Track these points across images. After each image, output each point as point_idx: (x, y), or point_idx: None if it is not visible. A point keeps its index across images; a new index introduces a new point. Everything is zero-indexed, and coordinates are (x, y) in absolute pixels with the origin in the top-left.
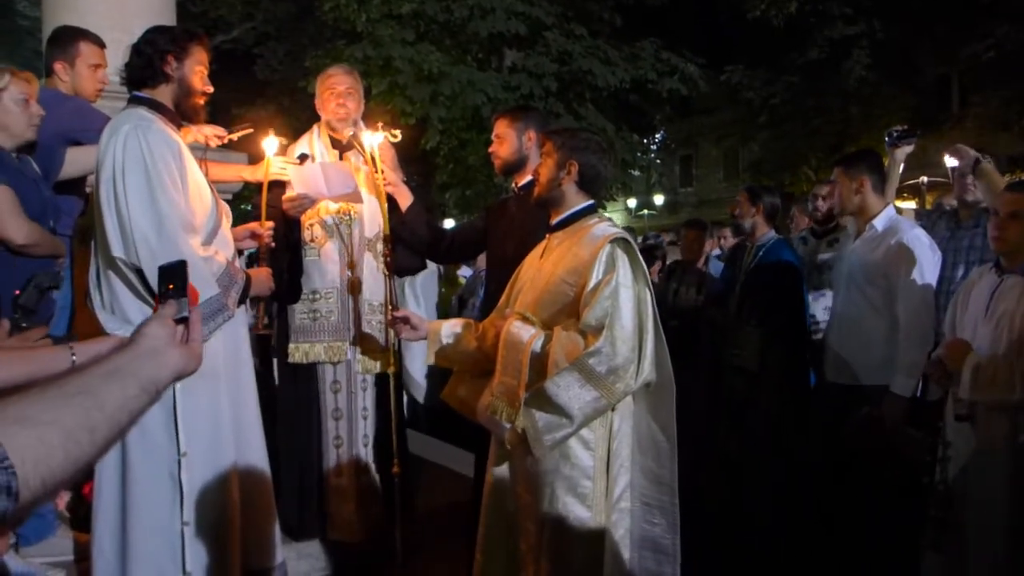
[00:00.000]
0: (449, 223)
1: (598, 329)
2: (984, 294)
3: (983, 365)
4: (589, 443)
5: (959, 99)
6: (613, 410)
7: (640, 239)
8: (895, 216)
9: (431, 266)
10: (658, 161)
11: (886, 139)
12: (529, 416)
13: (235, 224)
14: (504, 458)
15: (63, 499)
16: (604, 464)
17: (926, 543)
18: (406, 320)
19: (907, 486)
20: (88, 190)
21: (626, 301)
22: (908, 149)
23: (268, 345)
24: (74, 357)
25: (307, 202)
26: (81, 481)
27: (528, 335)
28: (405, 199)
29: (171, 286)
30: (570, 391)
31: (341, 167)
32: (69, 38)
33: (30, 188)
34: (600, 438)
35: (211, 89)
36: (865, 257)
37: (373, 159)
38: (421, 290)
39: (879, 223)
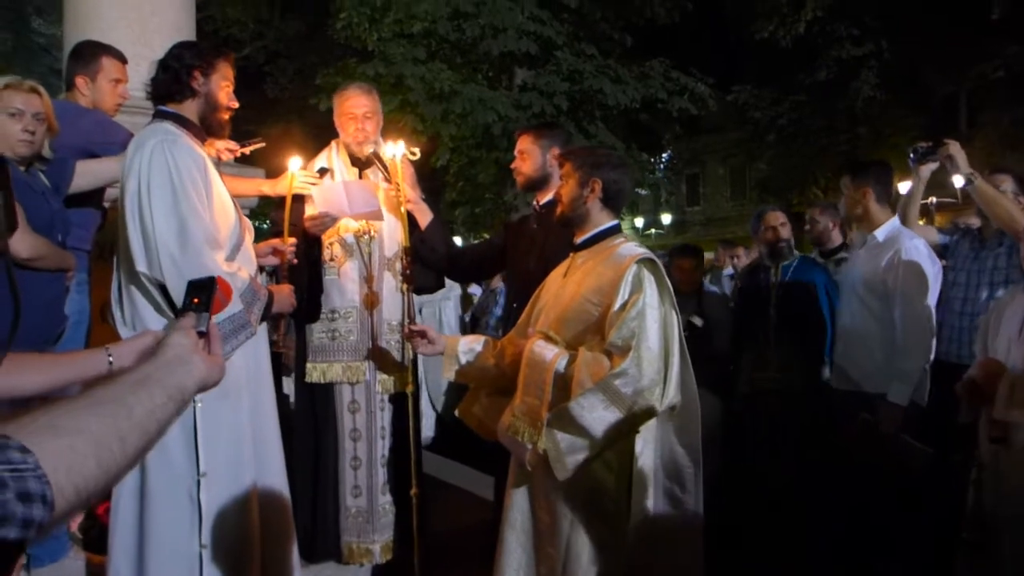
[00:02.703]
0: (457, 241)
1: (624, 350)
2: (1018, 314)
3: (1019, 384)
4: (612, 465)
5: (967, 119)
6: (637, 432)
7: None
8: (897, 227)
9: (454, 289)
10: (666, 180)
11: (910, 156)
12: (551, 437)
13: (255, 240)
14: (525, 479)
15: (76, 520)
16: (627, 487)
17: (960, 566)
18: (423, 334)
19: (909, 497)
20: (107, 204)
21: (652, 322)
22: (933, 166)
23: (280, 363)
24: (111, 359)
25: (329, 221)
26: (96, 501)
27: (552, 354)
28: (425, 216)
29: (196, 300)
30: (594, 412)
31: (364, 186)
32: (91, 53)
33: (38, 201)
34: (623, 461)
35: (236, 104)
36: (866, 267)
37: (394, 177)
38: (444, 316)
39: (881, 234)
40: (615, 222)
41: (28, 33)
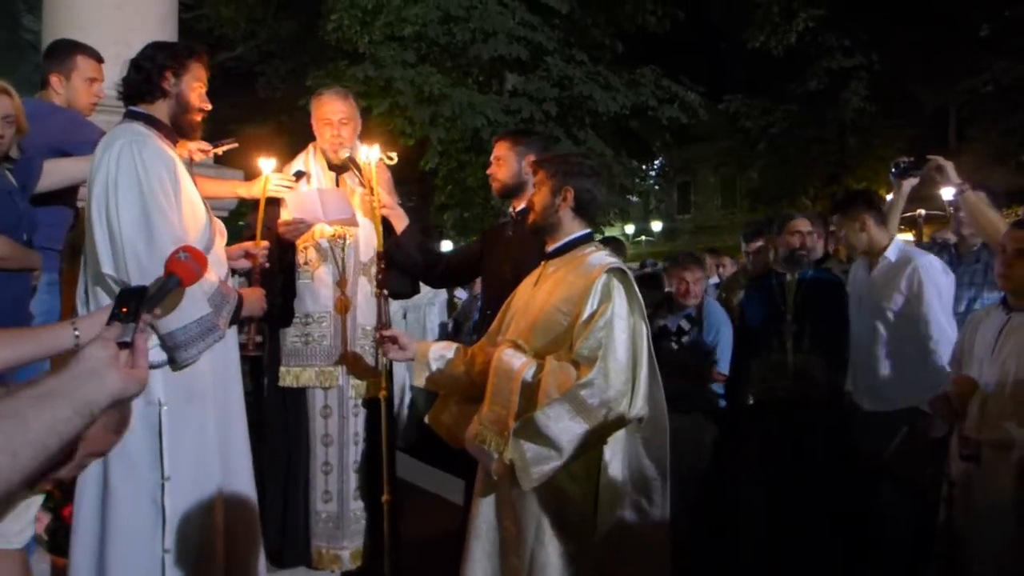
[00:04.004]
0: (447, 244)
1: (591, 360)
2: (991, 332)
3: (990, 402)
4: (578, 477)
5: (957, 132)
6: (604, 444)
7: (638, 265)
8: (904, 246)
9: (439, 295)
10: (656, 187)
11: (892, 170)
12: (518, 447)
13: (230, 242)
14: (491, 489)
15: (42, 522)
16: (593, 499)
17: None
18: (394, 340)
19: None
20: (80, 204)
21: (620, 333)
22: (914, 181)
23: (260, 366)
24: (77, 333)
25: (303, 227)
26: (61, 503)
27: (519, 363)
28: (400, 222)
29: (124, 309)
30: (560, 423)
31: (339, 193)
32: (66, 51)
33: (3, 201)
34: (590, 472)
35: (209, 106)
36: (884, 288)
37: (369, 182)
38: (428, 321)
39: (891, 254)
40: (587, 231)
41: (18, 30)
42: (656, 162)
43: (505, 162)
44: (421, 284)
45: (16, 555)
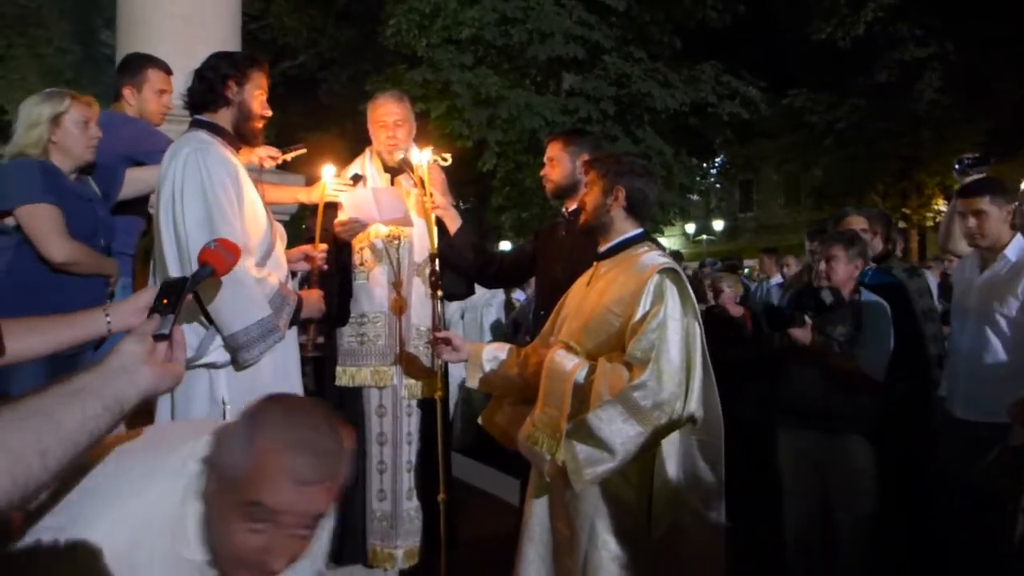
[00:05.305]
0: (505, 245)
1: (644, 362)
2: None
3: None
4: (632, 480)
5: None
6: (658, 445)
7: (697, 265)
8: None
9: (497, 295)
10: (717, 185)
11: (955, 167)
12: (570, 449)
13: (290, 245)
14: (544, 490)
15: None
16: (647, 501)
17: None
18: (448, 341)
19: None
20: (151, 210)
21: (674, 334)
22: (977, 177)
23: (323, 366)
24: (108, 319)
25: (358, 226)
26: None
27: (571, 365)
28: (454, 223)
29: (165, 301)
30: (613, 425)
31: (393, 192)
32: (138, 64)
33: (84, 208)
34: (644, 475)
35: (269, 113)
36: (1000, 290)
37: (423, 182)
38: (486, 321)
39: (1012, 253)
40: (639, 231)
41: (96, 45)
42: (717, 160)
43: (558, 163)
44: (477, 285)
45: None
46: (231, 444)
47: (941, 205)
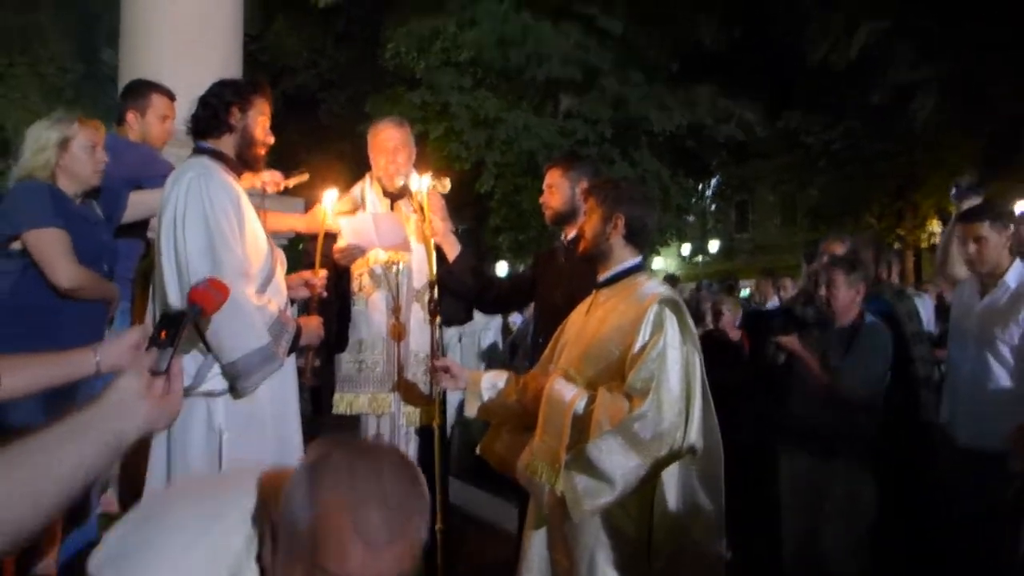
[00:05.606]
0: (502, 266)
1: (643, 392)
2: None
3: None
4: (631, 510)
5: None
6: (658, 476)
7: (694, 287)
8: None
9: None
10: (713, 207)
11: (952, 191)
12: (569, 479)
13: (290, 268)
14: (543, 521)
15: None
16: (646, 533)
17: None
18: (446, 369)
19: None
20: (150, 234)
21: (673, 364)
22: (976, 202)
23: (320, 393)
24: (98, 359)
25: (357, 252)
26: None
27: (571, 394)
28: (453, 249)
29: (163, 334)
30: (612, 456)
31: (392, 218)
32: (143, 90)
33: (89, 232)
34: (643, 505)
35: (272, 140)
36: (1000, 316)
37: (422, 207)
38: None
39: (1012, 279)
40: (638, 259)
41: (98, 64)
42: (713, 180)
43: (557, 189)
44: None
45: None
46: (290, 502)
47: (936, 226)
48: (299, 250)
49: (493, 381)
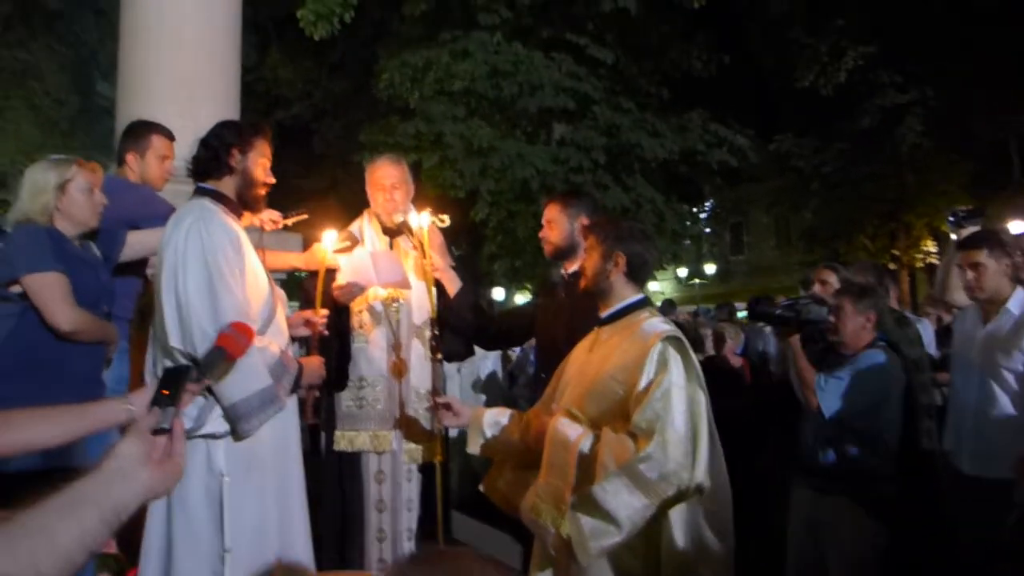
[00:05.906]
0: (498, 291)
1: (648, 432)
2: None
3: None
4: (638, 551)
5: (1021, 164)
6: (665, 516)
7: (692, 312)
8: None
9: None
10: (708, 230)
11: (950, 219)
12: (575, 521)
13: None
14: (548, 563)
15: None
16: (654, 573)
17: None
18: (448, 406)
19: None
20: (149, 271)
21: (678, 403)
22: (974, 230)
23: (319, 434)
24: (130, 408)
25: (356, 290)
26: (126, 566)
27: (576, 434)
28: (453, 284)
29: (166, 392)
30: (619, 497)
31: (390, 255)
32: (142, 131)
33: (88, 274)
34: (650, 545)
35: (273, 180)
36: (1004, 344)
37: (422, 244)
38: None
39: (1014, 306)
40: (640, 296)
41: (93, 97)
42: (707, 204)
43: (557, 224)
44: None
45: None
46: None
47: (930, 246)
48: (297, 284)
49: (496, 418)
